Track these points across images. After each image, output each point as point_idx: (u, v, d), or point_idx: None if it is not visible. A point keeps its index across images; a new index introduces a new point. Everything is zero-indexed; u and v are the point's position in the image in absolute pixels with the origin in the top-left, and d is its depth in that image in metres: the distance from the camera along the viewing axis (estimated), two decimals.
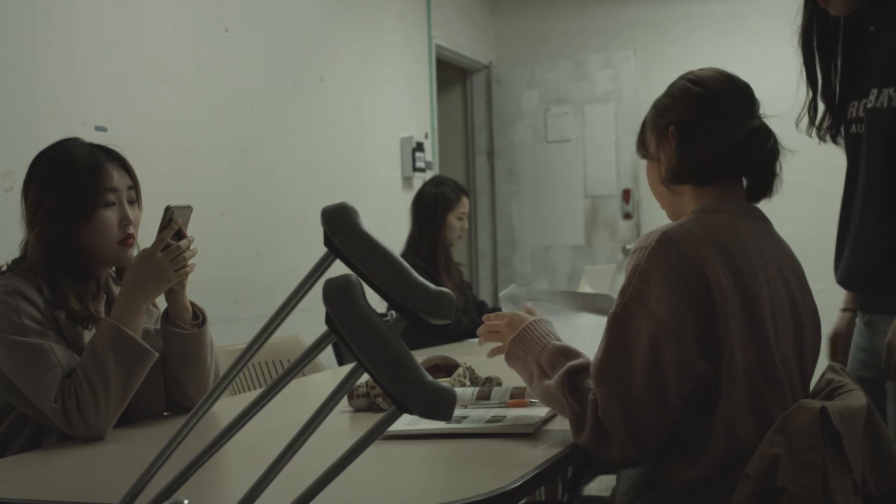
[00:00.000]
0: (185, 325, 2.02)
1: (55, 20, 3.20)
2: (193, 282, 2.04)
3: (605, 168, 6.45)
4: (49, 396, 1.80)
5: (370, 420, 1.74)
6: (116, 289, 2.05)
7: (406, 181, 5.57)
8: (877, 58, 2.05)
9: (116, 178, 1.97)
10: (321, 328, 0.91)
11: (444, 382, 1.13)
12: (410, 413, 0.85)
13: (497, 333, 1.84)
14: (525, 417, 1.75)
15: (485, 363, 2.23)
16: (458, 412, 1.82)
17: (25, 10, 3.10)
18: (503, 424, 1.73)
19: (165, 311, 2.03)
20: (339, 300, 0.88)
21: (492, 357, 1.92)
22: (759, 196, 1.79)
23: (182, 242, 1.93)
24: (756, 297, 1.63)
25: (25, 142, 3.01)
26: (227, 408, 2.08)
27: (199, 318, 2.06)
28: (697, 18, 6.45)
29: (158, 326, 2.06)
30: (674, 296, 1.57)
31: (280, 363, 3.01)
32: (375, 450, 1.37)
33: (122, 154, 2.02)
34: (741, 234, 1.67)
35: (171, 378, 2.05)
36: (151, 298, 1.92)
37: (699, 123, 1.73)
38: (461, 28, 6.51)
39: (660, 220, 1.75)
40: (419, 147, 5.63)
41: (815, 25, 2.13)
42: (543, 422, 1.75)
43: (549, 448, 1.60)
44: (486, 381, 2.08)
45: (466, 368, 2.14)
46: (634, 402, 1.55)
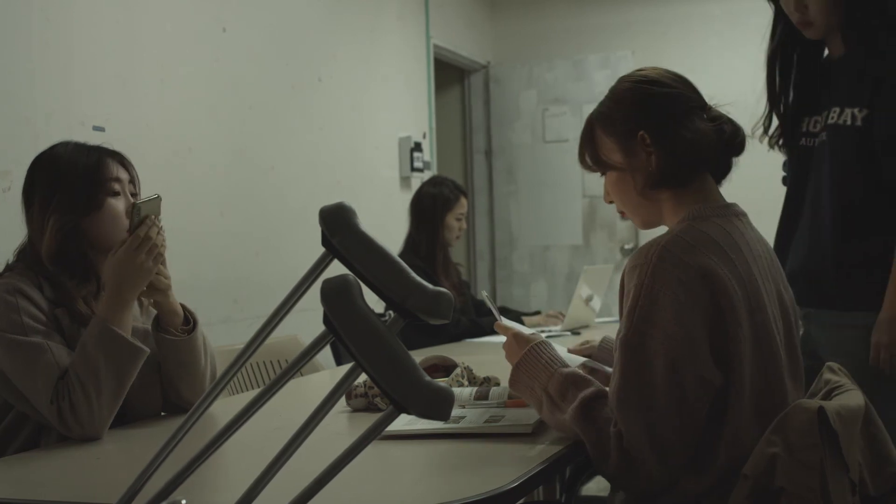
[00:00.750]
0: (176, 331, 2.02)
1: (54, 20, 3.19)
2: (192, 281, 2.04)
3: None
4: (45, 397, 1.80)
5: (368, 420, 1.74)
6: None
7: (404, 181, 5.57)
8: (840, 79, 2.27)
9: (119, 171, 2.00)
10: (319, 328, 0.91)
11: (442, 382, 1.13)
12: (408, 413, 0.85)
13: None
14: (523, 417, 1.75)
15: (483, 363, 2.23)
16: (456, 412, 1.82)
17: (24, 11, 3.10)
18: (501, 424, 1.73)
19: (156, 318, 2.03)
20: (337, 300, 0.88)
21: None
22: (718, 184, 1.75)
23: (152, 231, 1.89)
24: (759, 304, 1.61)
25: (24, 142, 3.01)
26: (225, 408, 2.08)
27: (190, 323, 2.05)
28: (696, 19, 6.45)
29: None
30: (684, 312, 1.53)
31: (278, 363, 3.01)
32: (373, 450, 1.37)
33: (118, 151, 2.04)
34: (735, 238, 1.64)
35: (167, 381, 2.05)
36: (136, 294, 1.90)
37: (670, 124, 1.67)
38: (459, 28, 6.51)
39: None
40: (417, 147, 5.63)
41: (784, 48, 2.37)
42: (541, 422, 1.74)
43: (547, 448, 1.60)
44: (484, 381, 2.08)
45: (464, 368, 2.14)
46: (661, 429, 1.51)
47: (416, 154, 5.61)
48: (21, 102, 3.08)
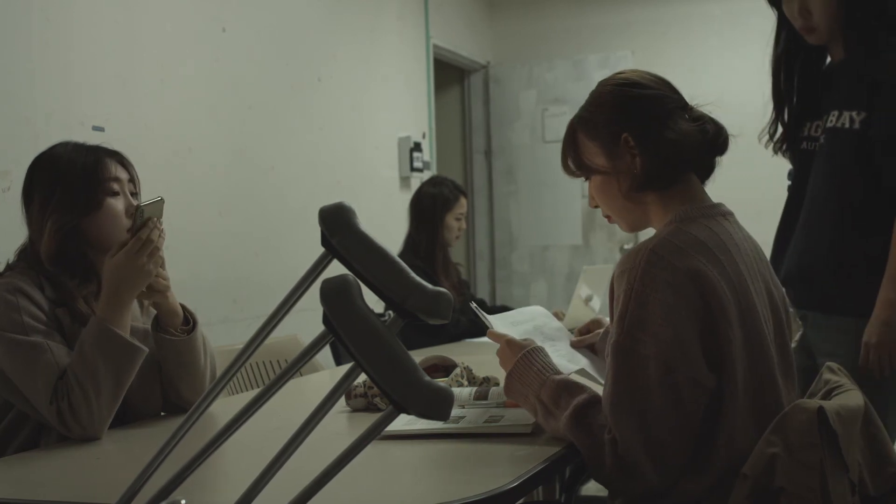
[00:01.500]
0: (176, 331, 2.02)
1: (54, 20, 3.19)
2: (192, 282, 2.04)
3: None
4: (45, 397, 1.81)
5: (368, 420, 1.74)
6: None
7: (404, 181, 5.57)
8: (840, 82, 2.29)
9: (118, 171, 2.00)
10: (319, 328, 0.91)
11: (442, 382, 1.13)
12: (408, 413, 0.85)
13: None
14: (522, 417, 1.75)
15: (482, 363, 2.23)
16: (456, 412, 1.82)
17: (24, 11, 3.10)
18: (500, 424, 1.73)
19: (156, 318, 2.03)
20: (337, 300, 0.88)
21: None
22: (703, 183, 1.75)
23: (153, 234, 1.89)
24: (749, 303, 1.61)
25: (24, 142, 3.01)
26: (225, 408, 2.08)
27: (190, 323, 2.05)
28: (696, 19, 6.45)
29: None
30: (674, 314, 1.52)
31: (278, 363, 3.01)
32: (373, 450, 1.37)
33: (118, 150, 2.04)
34: (722, 238, 1.64)
35: (167, 381, 2.05)
36: (134, 294, 1.90)
37: (654, 125, 1.66)
38: (459, 28, 6.51)
39: None
40: (417, 147, 5.63)
41: (788, 55, 2.38)
42: None
43: (547, 448, 1.60)
44: (484, 381, 2.08)
45: (464, 368, 2.14)
46: (656, 432, 1.51)
47: (416, 154, 5.61)
48: (21, 102, 3.08)
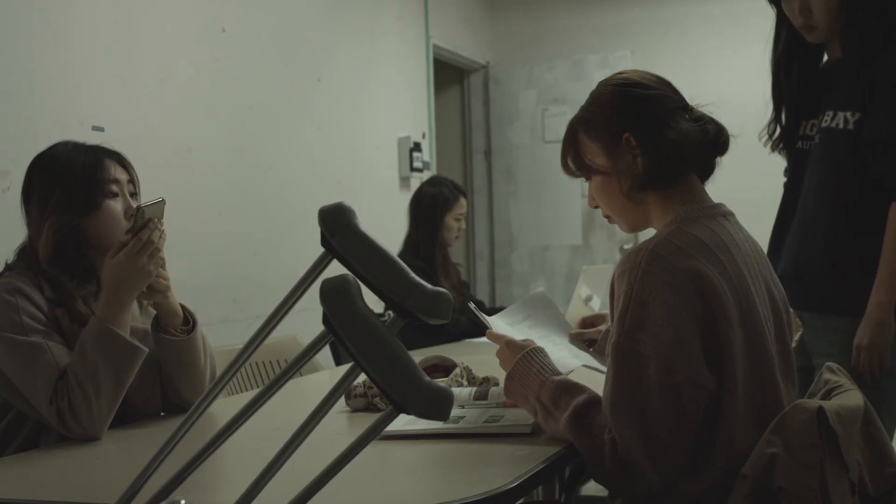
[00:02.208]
0: (176, 331, 2.02)
1: (54, 20, 3.19)
2: (192, 281, 2.04)
3: None
4: (45, 397, 1.81)
5: (367, 420, 1.74)
6: None
7: (403, 181, 5.57)
8: (837, 82, 2.29)
9: (117, 172, 1.99)
10: (318, 328, 0.91)
11: (442, 382, 1.13)
12: (408, 413, 0.85)
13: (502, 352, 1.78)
14: (522, 417, 1.75)
15: (482, 363, 2.23)
16: (456, 412, 1.82)
17: (24, 11, 3.10)
18: (500, 424, 1.73)
19: (156, 318, 2.03)
20: (337, 300, 0.88)
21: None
22: (703, 183, 1.75)
23: (154, 235, 1.89)
24: (750, 304, 1.61)
25: (23, 142, 3.01)
26: (225, 408, 2.08)
27: (190, 323, 2.05)
28: (695, 19, 6.45)
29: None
30: (674, 315, 1.52)
31: (277, 363, 3.01)
32: (373, 450, 1.37)
33: (118, 151, 2.04)
34: (723, 238, 1.64)
35: (166, 381, 2.05)
36: (134, 295, 1.90)
37: (655, 125, 1.66)
38: (459, 28, 6.51)
39: None
40: (416, 147, 5.63)
41: (788, 54, 2.38)
42: None
43: (547, 448, 1.60)
44: (484, 381, 2.08)
45: (464, 368, 2.14)
46: (656, 433, 1.50)
47: (416, 154, 5.61)
48: (21, 102, 3.08)
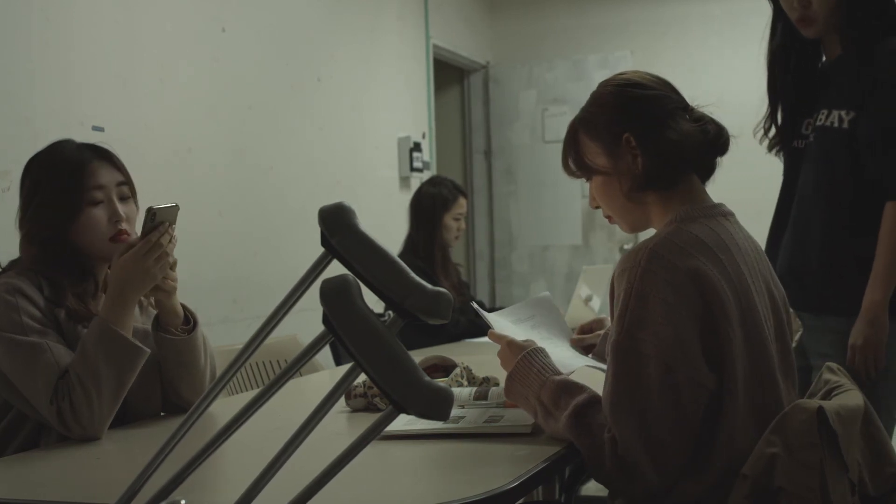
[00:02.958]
0: (176, 331, 2.01)
1: (54, 20, 3.19)
2: (191, 282, 2.04)
3: None
4: (45, 397, 1.80)
5: (367, 420, 1.74)
6: None
7: (403, 181, 5.57)
8: (834, 81, 2.29)
9: (103, 176, 1.97)
10: (318, 328, 0.91)
11: (442, 382, 1.13)
12: (408, 413, 0.85)
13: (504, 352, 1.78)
14: (522, 417, 1.75)
15: (482, 363, 2.23)
16: (456, 412, 1.82)
17: (24, 11, 3.10)
18: (500, 424, 1.73)
19: (156, 317, 2.02)
20: (337, 300, 0.88)
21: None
22: (703, 183, 1.75)
23: (164, 238, 1.88)
24: (749, 303, 1.61)
25: (23, 142, 3.01)
26: (225, 408, 2.08)
27: (191, 323, 2.05)
28: (695, 19, 6.45)
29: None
30: (674, 314, 1.52)
31: (277, 363, 3.01)
32: (373, 450, 1.37)
33: (111, 151, 2.02)
34: (723, 238, 1.64)
35: (166, 381, 2.05)
36: (139, 296, 1.90)
37: (655, 125, 1.66)
38: (459, 28, 6.51)
39: None
40: (416, 147, 5.63)
41: (784, 49, 2.37)
42: None
43: (547, 448, 1.60)
44: (484, 381, 2.08)
45: (464, 368, 2.13)
46: (656, 432, 1.50)
47: (416, 154, 5.61)
48: (21, 102, 3.08)
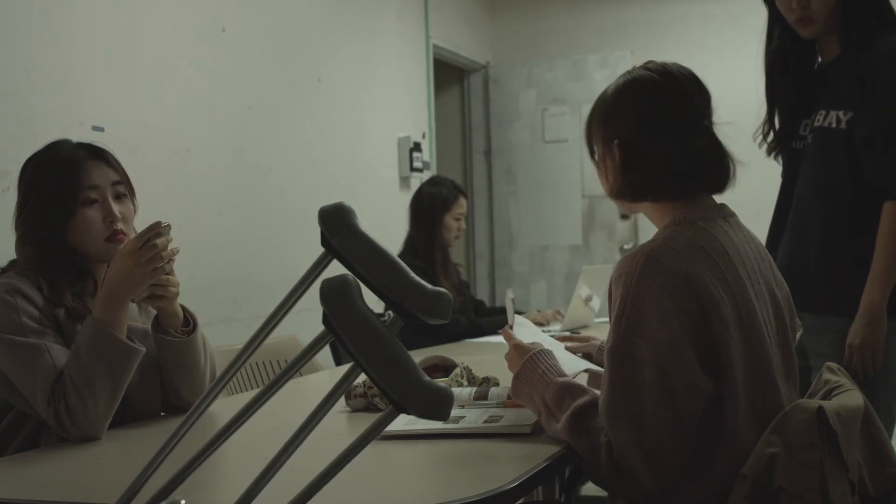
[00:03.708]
0: (176, 332, 2.01)
1: (53, 20, 3.19)
2: (191, 282, 2.04)
3: None
4: (43, 399, 1.80)
5: (367, 420, 1.74)
6: None
7: (403, 181, 5.57)
8: (832, 81, 2.29)
9: (97, 176, 1.96)
10: (318, 328, 0.91)
11: (442, 382, 1.13)
12: (408, 413, 0.85)
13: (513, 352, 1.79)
14: (522, 417, 1.75)
15: (482, 363, 2.23)
16: (456, 412, 1.82)
17: (24, 11, 3.10)
18: (500, 424, 1.73)
19: (156, 318, 2.02)
20: (337, 300, 0.88)
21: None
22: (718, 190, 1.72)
23: (160, 241, 1.86)
24: (748, 307, 1.60)
25: (23, 142, 3.00)
26: (225, 408, 2.08)
27: (190, 324, 2.05)
28: (695, 18, 6.45)
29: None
30: (670, 319, 1.52)
31: (277, 363, 3.01)
32: (373, 450, 1.37)
33: (107, 150, 2.02)
34: (721, 241, 1.62)
35: (166, 382, 2.04)
36: (131, 295, 1.88)
37: (645, 140, 1.66)
38: (459, 28, 6.51)
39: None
40: (416, 147, 5.63)
41: (783, 51, 2.37)
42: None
43: (547, 448, 1.60)
44: (484, 381, 2.08)
45: (464, 368, 2.14)
46: (652, 439, 1.50)
47: (416, 154, 5.61)
48: (21, 102, 3.08)
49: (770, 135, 2.42)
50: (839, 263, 2.25)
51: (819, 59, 2.38)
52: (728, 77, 6.29)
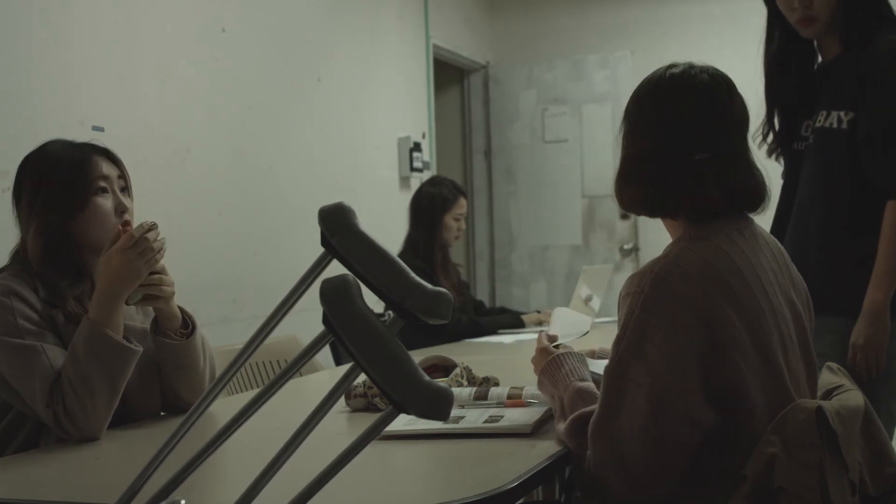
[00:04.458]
0: (174, 334, 2.01)
1: (53, 20, 3.19)
2: (191, 282, 2.04)
3: (603, 168, 6.44)
4: (41, 401, 1.80)
5: (367, 420, 1.74)
6: None
7: (403, 181, 5.57)
8: (832, 81, 2.29)
9: (105, 168, 1.98)
10: (318, 328, 0.91)
11: (442, 382, 1.13)
12: (408, 413, 0.85)
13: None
14: (522, 417, 1.75)
15: (482, 363, 2.23)
16: (456, 412, 1.82)
17: (24, 11, 3.10)
18: (500, 424, 1.73)
19: (155, 320, 2.02)
20: (337, 300, 0.88)
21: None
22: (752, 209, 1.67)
23: (150, 234, 1.87)
24: (763, 328, 1.54)
25: (23, 142, 2.99)
26: (225, 408, 2.08)
27: (189, 326, 2.05)
28: (695, 18, 6.45)
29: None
30: (674, 345, 1.48)
31: (277, 363, 3.01)
32: (373, 450, 1.37)
33: (106, 147, 2.03)
34: (735, 259, 1.55)
35: (165, 384, 2.04)
36: (125, 293, 1.88)
37: (662, 155, 1.60)
38: (459, 28, 6.51)
39: (659, 220, 1.70)
40: (417, 147, 5.63)
41: (784, 51, 2.37)
42: (541, 422, 1.75)
43: (547, 448, 1.60)
44: (484, 382, 2.08)
45: (464, 368, 2.14)
46: (632, 466, 1.49)
47: (416, 154, 5.60)
48: (21, 102, 3.08)
49: (770, 136, 2.42)
50: (840, 263, 2.25)
51: (819, 59, 2.39)
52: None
